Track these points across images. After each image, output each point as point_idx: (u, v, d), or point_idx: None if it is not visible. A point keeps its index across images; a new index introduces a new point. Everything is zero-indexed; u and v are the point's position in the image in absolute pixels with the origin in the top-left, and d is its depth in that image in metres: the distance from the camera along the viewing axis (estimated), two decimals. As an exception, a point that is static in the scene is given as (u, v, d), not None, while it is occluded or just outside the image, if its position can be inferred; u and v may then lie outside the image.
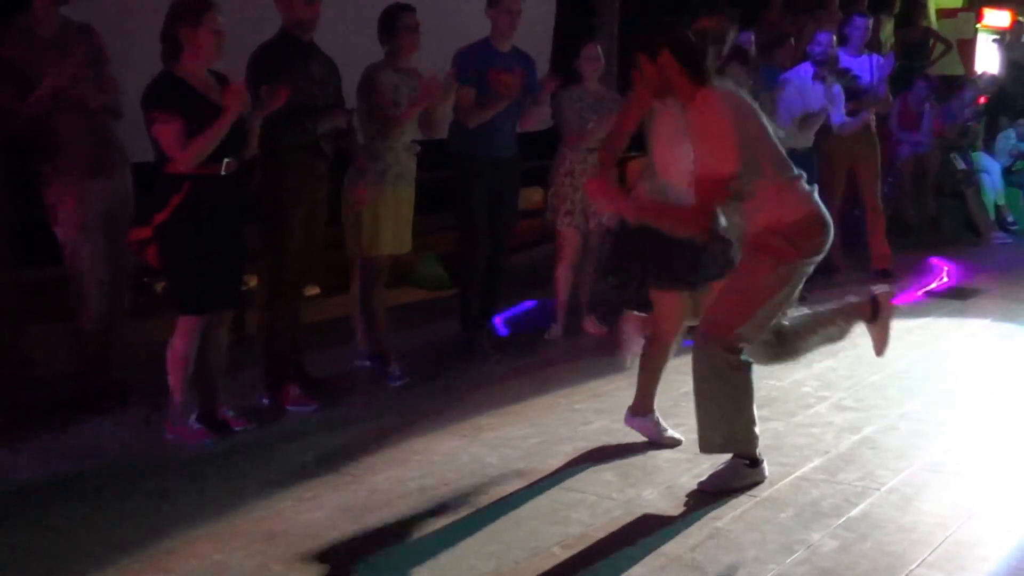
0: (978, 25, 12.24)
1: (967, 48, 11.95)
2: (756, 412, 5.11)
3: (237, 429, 4.87)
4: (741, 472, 4.25)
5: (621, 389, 5.51)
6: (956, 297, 7.71)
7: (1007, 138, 11.12)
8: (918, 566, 3.57)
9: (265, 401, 5.22)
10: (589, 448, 4.68)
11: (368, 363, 5.85)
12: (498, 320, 6.34)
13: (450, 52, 6.06)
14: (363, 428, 4.97)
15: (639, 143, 7.12)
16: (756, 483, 4.23)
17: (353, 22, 6.32)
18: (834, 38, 7.45)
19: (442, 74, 5.60)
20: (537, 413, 5.18)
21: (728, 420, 4.19)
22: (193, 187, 4.51)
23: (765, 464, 4.31)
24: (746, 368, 4.18)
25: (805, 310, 4.42)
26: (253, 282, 5.71)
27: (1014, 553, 3.67)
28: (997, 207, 10.66)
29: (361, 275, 5.74)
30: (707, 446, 4.27)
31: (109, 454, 4.64)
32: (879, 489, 4.22)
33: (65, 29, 4.98)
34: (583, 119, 6.39)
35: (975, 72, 11.51)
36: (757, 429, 4.27)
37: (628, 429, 4.90)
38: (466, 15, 6.92)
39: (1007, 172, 10.95)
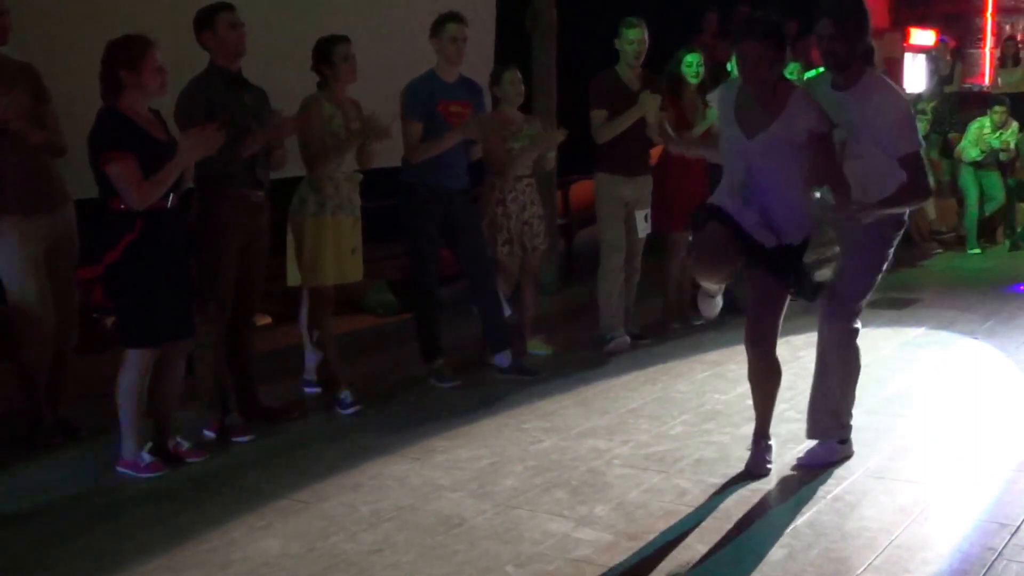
0: (905, 44, 12.56)
1: (895, 67, 12.25)
2: (703, 425, 5.26)
3: (190, 461, 4.87)
4: (836, 450, 4.72)
5: (567, 408, 5.61)
6: (892, 307, 7.88)
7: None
8: (863, 571, 3.67)
9: (210, 434, 5.21)
10: (539, 467, 4.74)
11: (318, 390, 5.87)
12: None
13: (390, 83, 6.11)
14: (314, 455, 4.99)
15: (580, 168, 7.24)
16: (846, 458, 4.71)
17: (283, 54, 6.35)
18: None
19: (379, 112, 5.63)
20: (487, 435, 5.23)
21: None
22: (144, 223, 4.54)
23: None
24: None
25: None
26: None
27: (956, 556, 3.78)
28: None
29: (309, 303, 5.77)
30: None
31: (60, 490, 4.61)
32: (824, 497, 4.33)
33: (4, 67, 4.98)
34: (509, 147, 6.40)
35: (903, 89, 11.77)
36: None
37: (577, 447, 4.97)
38: (409, 47, 6.98)
39: None
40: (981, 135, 10.57)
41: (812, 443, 4.77)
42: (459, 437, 5.20)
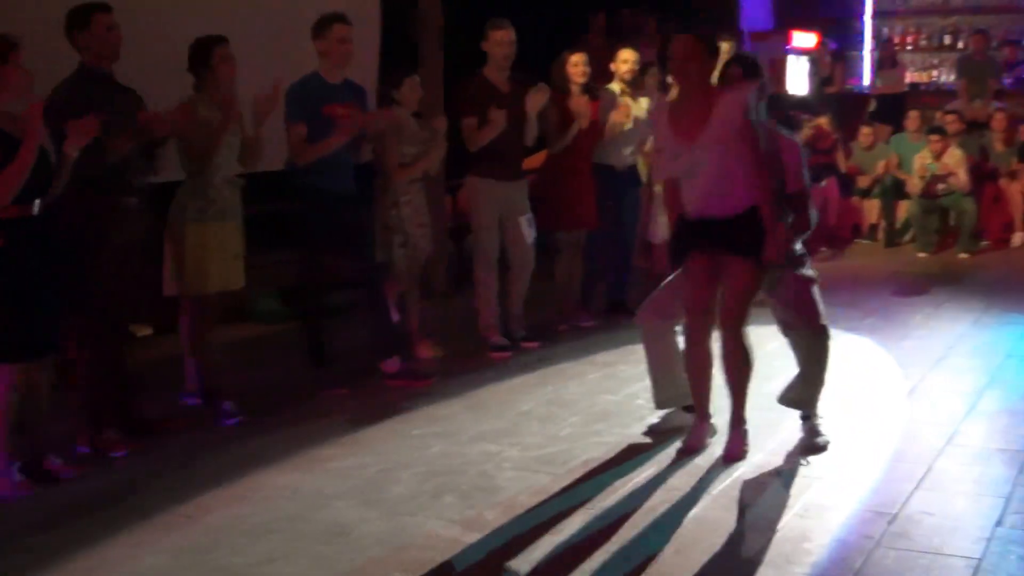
0: (787, 47, 12.83)
1: (778, 68, 12.50)
2: (594, 426, 5.28)
3: (64, 478, 4.71)
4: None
5: (458, 412, 5.58)
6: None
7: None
8: (748, 563, 3.73)
9: (84, 449, 5.05)
10: (429, 473, 4.71)
11: (200, 402, 5.73)
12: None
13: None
14: (197, 468, 4.87)
15: (458, 171, 7.18)
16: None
17: (157, 56, 6.20)
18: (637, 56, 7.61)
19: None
20: (376, 441, 5.18)
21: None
22: (7, 233, 4.37)
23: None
24: None
25: None
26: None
27: (836, 546, 3.87)
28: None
29: (190, 313, 5.64)
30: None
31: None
32: (711, 493, 4.38)
33: None
34: (402, 151, 6.38)
35: (785, 91, 12.04)
36: None
37: (468, 451, 4.95)
38: (289, 48, 6.88)
39: None
40: (923, 164, 10.48)
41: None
42: (348, 445, 5.13)
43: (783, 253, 4.74)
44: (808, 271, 4.98)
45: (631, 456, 4.84)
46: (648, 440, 5.05)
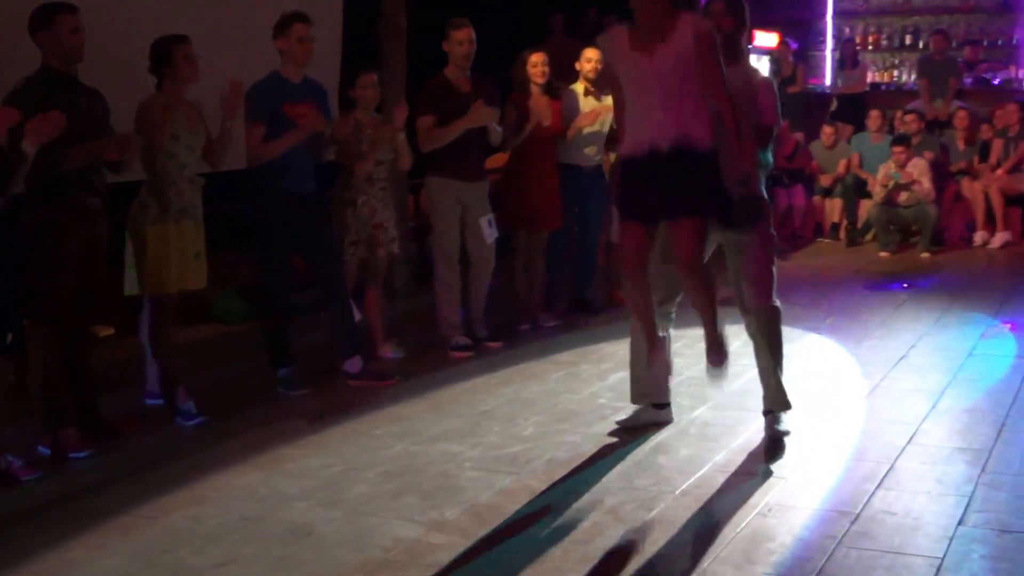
0: (749, 46, 12.87)
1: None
2: (556, 426, 5.26)
3: (23, 479, 4.64)
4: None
5: (420, 412, 5.56)
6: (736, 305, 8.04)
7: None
8: (710, 563, 3.73)
9: (44, 451, 4.98)
10: (390, 473, 4.68)
11: (161, 402, 5.67)
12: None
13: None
14: (156, 469, 4.82)
15: (420, 171, 7.16)
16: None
17: (119, 56, 6.13)
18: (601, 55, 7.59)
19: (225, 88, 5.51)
20: (337, 442, 5.14)
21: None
22: None
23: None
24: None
25: None
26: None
27: (798, 545, 3.87)
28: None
29: (150, 312, 5.58)
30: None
31: None
32: (672, 492, 4.38)
33: None
34: (361, 149, 6.33)
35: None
36: None
37: (429, 451, 4.93)
38: (251, 47, 6.83)
39: None
40: (887, 173, 10.51)
41: None
42: (309, 446, 5.09)
43: (752, 164, 4.71)
44: (770, 230, 4.94)
45: (594, 456, 4.83)
46: (611, 440, 5.04)
